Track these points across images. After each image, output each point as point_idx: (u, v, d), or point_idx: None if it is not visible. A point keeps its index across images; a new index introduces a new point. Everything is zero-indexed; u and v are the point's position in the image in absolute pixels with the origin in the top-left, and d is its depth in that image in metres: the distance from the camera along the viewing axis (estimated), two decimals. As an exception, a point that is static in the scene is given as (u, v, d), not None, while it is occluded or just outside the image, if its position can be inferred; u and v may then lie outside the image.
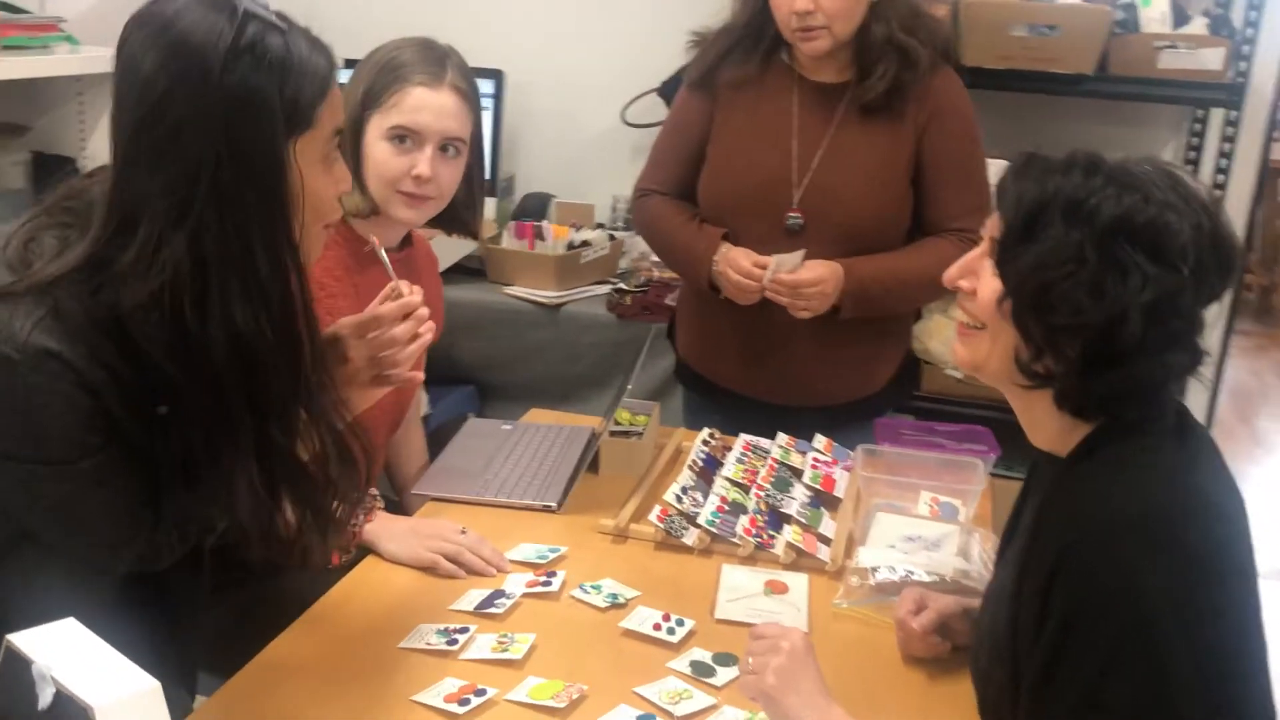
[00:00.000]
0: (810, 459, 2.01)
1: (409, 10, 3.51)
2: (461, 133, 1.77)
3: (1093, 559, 1.16)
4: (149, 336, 1.14)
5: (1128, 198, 1.19)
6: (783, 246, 2.07)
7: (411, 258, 1.93)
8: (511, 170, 3.56)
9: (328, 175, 1.24)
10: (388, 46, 1.80)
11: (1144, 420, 1.25)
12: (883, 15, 2.03)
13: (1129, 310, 1.18)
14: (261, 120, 1.14)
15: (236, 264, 1.15)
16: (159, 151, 1.13)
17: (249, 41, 1.14)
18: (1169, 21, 2.78)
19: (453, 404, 3.10)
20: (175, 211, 1.13)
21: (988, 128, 3.20)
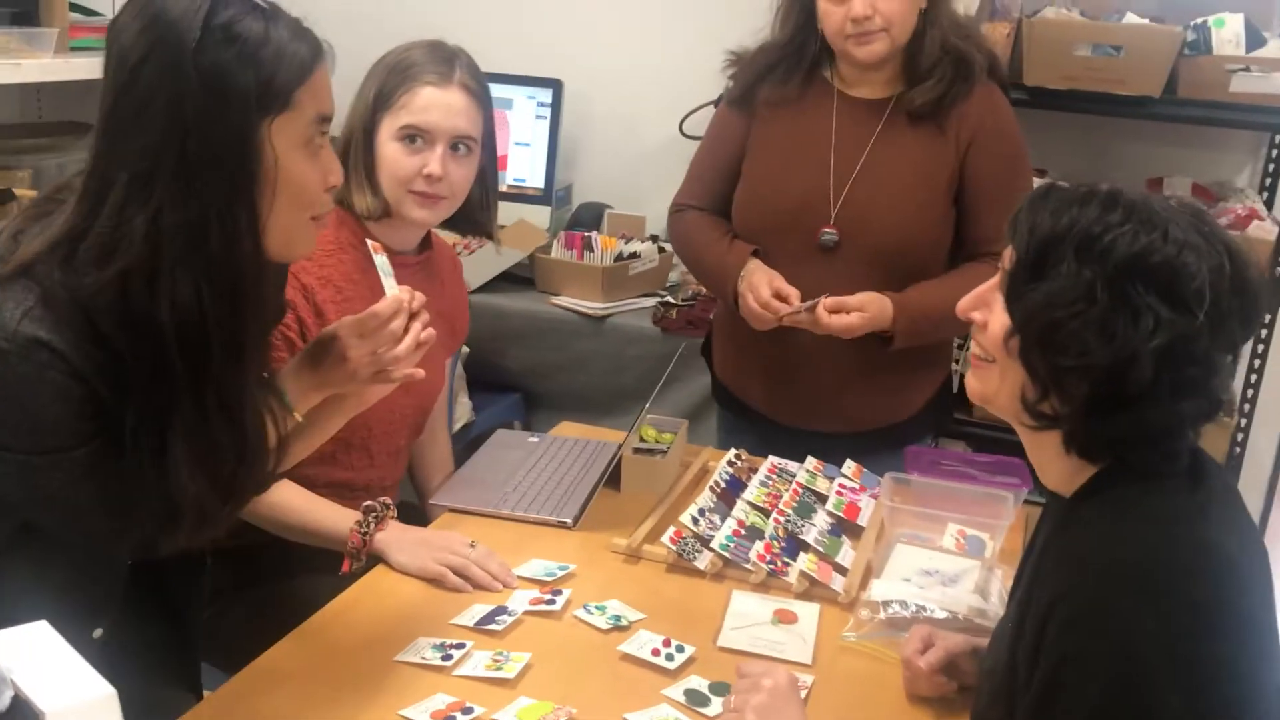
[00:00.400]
0: (836, 485, 1.97)
1: (466, 19, 3.54)
2: (471, 130, 1.78)
3: (1087, 607, 1.12)
4: (100, 309, 1.15)
5: (1144, 236, 1.15)
6: (817, 264, 2.04)
7: (431, 260, 1.94)
8: (569, 179, 3.56)
9: (311, 162, 1.24)
10: (398, 49, 1.82)
11: (1153, 465, 1.20)
12: (938, 22, 2.00)
13: (1139, 353, 1.13)
14: (230, 97, 1.15)
15: (190, 240, 1.15)
16: (130, 121, 1.15)
17: (225, 19, 1.15)
18: (1242, 44, 2.67)
19: (498, 412, 3.11)
20: (140, 183, 1.14)
21: (1052, 148, 3.14)
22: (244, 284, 1.19)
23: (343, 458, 1.82)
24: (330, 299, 1.75)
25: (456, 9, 3.56)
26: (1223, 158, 3.09)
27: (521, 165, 3.40)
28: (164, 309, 1.15)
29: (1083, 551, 1.18)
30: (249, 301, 1.21)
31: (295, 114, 1.20)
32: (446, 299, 1.98)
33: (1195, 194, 2.94)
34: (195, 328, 1.17)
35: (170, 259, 1.15)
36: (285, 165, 1.20)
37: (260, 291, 1.23)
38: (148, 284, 1.15)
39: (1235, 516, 1.24)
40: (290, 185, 1.21)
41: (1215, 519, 1.18)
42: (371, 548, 1.67)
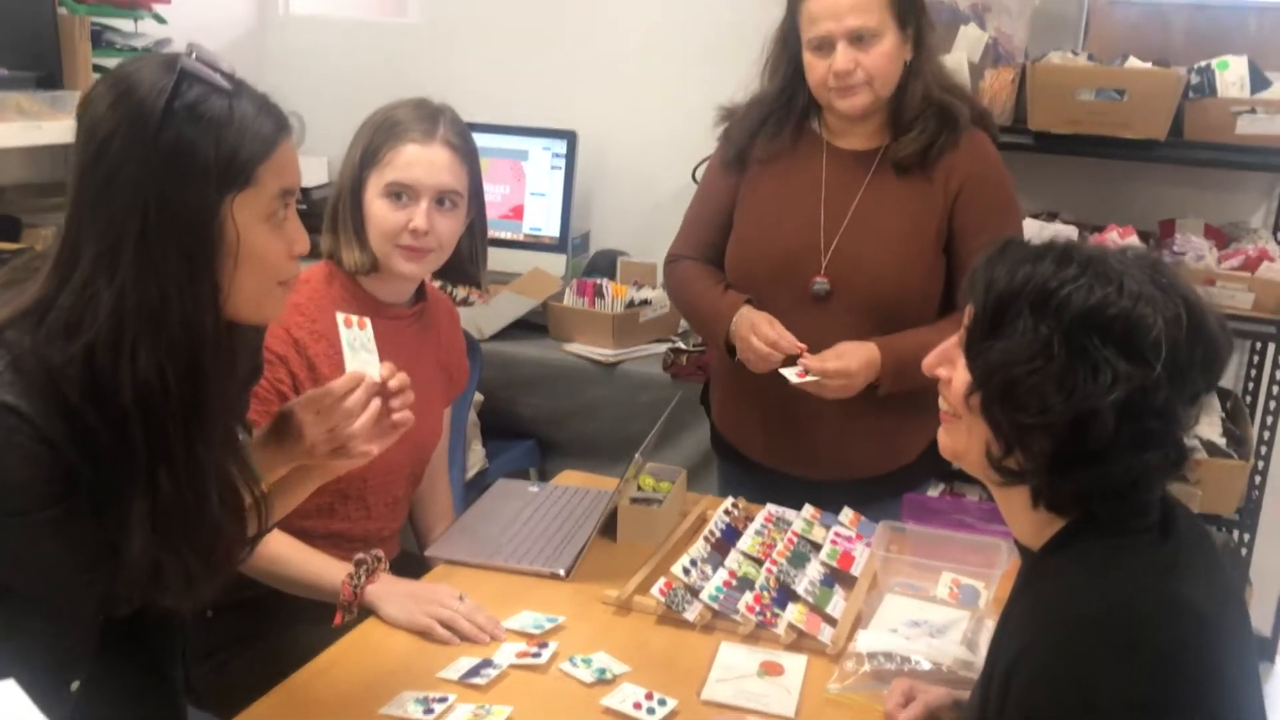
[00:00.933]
0: (831, 534, 1.97)
1: (482, 74, 3.63)
2: (455, 185, 1.82)
3: (1051, 661, 1.12)
4: (68, 379, 1.18)
5: (1100, 289, 1.15)
6: (810, 313, 2.06)
7: (426, 312, 1.98)
8: (585, 227, 3.61)
9: (275, 235, 1.27)
10: (385, 108, 1.87)
11: (1122, 518, 1.20)
12: (920, 73, 2.02)
13: (1099, 408, 1.13)
14: (191, 175, 1.18)
15: (151, 316, 1.18)
16: (97, 195, 1.19)
17: (188, 99, 1.19)
18: (1247, 86, 2.67)
19: (512, 458, 3.14)
20: (106, 258, 1.18)
21: (1062, 192, 3.15)
22: (204, 361, 1.22)
23: (340, 509, 1.85)
24: (324, 353, 1.79)
25: (471, 64, 3.64)
26: (1235, 199, 3.08)
27: (537, 215, 3.46)
28: (126, 383, 1.18)
29: (1048, 605, 1.18)
30: (210, 379, 1.23)
31: (257, 190, 1.23)
32: (443, 349, 2.02)
33: (1207, 235, 2.93)
34: (157, 403, 1.19)
35: (133, 334, 1.18)
36: (247, 239, 1.23)
37: (222, 367, 1.26)
38: (112, 358, 1.18)
39: (1207, 569, 1.23)
40: (253, 258, 1.24)
41: (1184, 572, 1.18)
42: (362, 600, 1.70)
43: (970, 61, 2.81)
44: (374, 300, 1.87)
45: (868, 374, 2.00)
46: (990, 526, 1.97)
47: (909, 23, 2.00)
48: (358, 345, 1.50)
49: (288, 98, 4.02)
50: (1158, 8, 3.14)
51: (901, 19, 1.99)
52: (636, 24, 3.49)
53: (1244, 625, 1.27)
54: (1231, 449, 2.80)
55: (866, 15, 1.95)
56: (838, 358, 1.99)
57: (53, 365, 1.18)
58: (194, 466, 1.24)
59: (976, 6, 2.88)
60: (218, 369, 1.25)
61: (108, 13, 2.89)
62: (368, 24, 3.84)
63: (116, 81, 1.21)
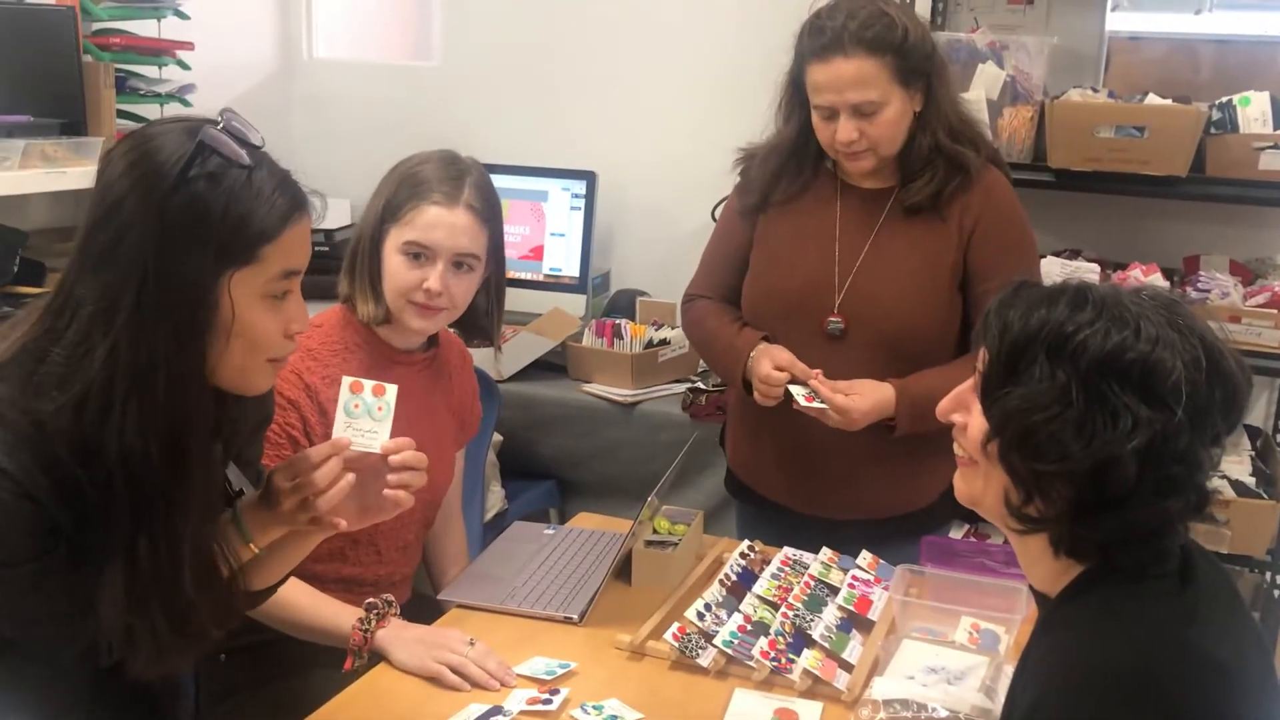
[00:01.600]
0: (849, 577, 1.95)
1: (500, 116, 3.66)
2: (473, 249, 1.82)
3: (1062, 713, 1.09)
4: (56, 431, 1.18)
5: (1116, 333, 1.13)
6: (825, 352, 2.05)
7: (438, 357, 1.98)
8: (606, 267, 3.62)
9: (272, 313, 1.27)
10: (412, 160, 1.87)
11: (1143, 565, 1.17)
12: (928, 126, 2.01)
13: (1120, 455, 1.11)
14: (193, 246, 1.19)
15: (140, 382, 1.18)
16: (101, 254, 1.19)
17: (203, 170, 1.19)
18: (1269, 121, 2.65)
19: (532, 499, 3.13)
20: (103, 316, 1.18)
21: (1084, 229, 3.13)
22: (187, 436, 1.22)
23: (351, 554, 1.85)
24: (335, 398, 1.78)
25: (492, 106, 3.67)
26: (1260, 234, 3.05)
27: (557, 255, 3.46)
28: (112, 444, 1.18)
29: (1064, 656, 1.15)
30: (191, 455, 1.23)
31: (259, 268, 1.23)
32: (454, 393, 2.02)
33: (1232, 272, 2.89)
34: (139, 471, 1.19)
35: (122, 394, 1.18)
36: (242, 316, 1.23)
37: (205, 443, 1.25)
38: (101, 415, 1.18)
39: (1228, 617, 1.20)
40: (246, 334, 1.24)
41: (1204, 622, 1.15)
42: (373, 645, 1.69)
43: (989, 99, 2.81)
44: (387, 346, 1.88)
45: (876, 415, 1.98)
46: (1011, 570, 1.93)
47: (916, 81, 1.98)
48: (361, 411, 1.43)
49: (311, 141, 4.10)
50: (1178, 44, 3.13)
51: (907, 80, 1.97)
52: (655, 64, 3.51)
53: (1268, 673, 1.24)
54: (1261, 488, 2.75)
55: (868, 90, 1.94)
56: (848, 394, 1.98)
57: (41, 417, 1.17)
58: (172, 539, 1.23)
59: (995, 45, 2.87)
60: (200, 445, 1.24)
61: (132, 59, 2.93)
62: (390, 67, 3.88)
63: (137, 144, 1.22)
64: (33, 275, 2.67)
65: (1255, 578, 2.98)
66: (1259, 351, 2.68)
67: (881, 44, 1.93)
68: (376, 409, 1.44)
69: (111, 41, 2.85)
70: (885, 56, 1.93)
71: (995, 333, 1.21)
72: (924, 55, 1.97)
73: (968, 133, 2.06)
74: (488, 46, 3.68)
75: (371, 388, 1.44)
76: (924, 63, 1.98)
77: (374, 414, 1.44)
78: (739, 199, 2.18)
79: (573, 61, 3.59)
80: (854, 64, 1.93)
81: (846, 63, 1.93)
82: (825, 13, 1.98)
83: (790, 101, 2.08)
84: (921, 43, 1.97)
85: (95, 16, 2.82)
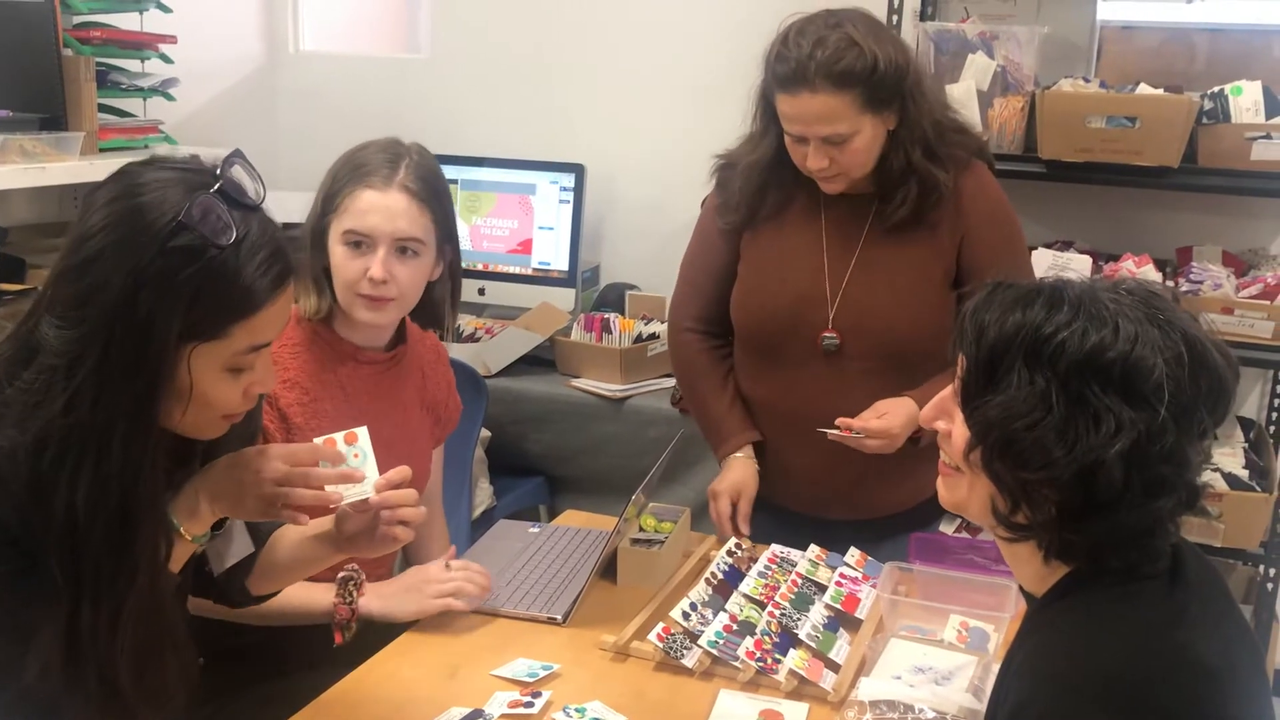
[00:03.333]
0: (837, 575, 1.93)
1: (490, 111, 3.63)
2: (414, 232, 1.76)
3: (1052, 718, 1.07)
4: (12, 476, 1.15)
5: (1094, 333, 1.11)
6: (823, 367, 2.03)
7: (403, 355, 1.92)
8: (595, 261, 3.59)
9: (230, 383, 1.24)
10: (356, 147, 1.82)
11: (1134, 565, 1.15)
12: (901, 144, 1.95)
13: (1105, 458, 1.08)
14: (161, 319, 1.15)
15: (95, 445, 1.16)
16: (70, 304, 1.16)
17: (187, 240, 1.15)
18: (1261, 111, 2.62)
19: (521, 496, 3.11)
20: (65, 369, 1.15)
21: (1076, 220, 3.10)
22: (138, 503, 1.19)
23: (328, 553, 1.82)
24: (296, 401, 1.76)
25: (479, 99, 3.64)
26: (1253, 225, 3.03)
27: (546, 249, 3.44)
28: (62, 495, 1.15)
29: (1049, 658, 1.13)
30: (142, 523, 1.20)
31: (225, 343, 1.20)
32: (428, 389, 1.98)
33: (1225, 263, 2.87)
34: (87, 530, 1.16)
35: (77, 450, 1.15)
36: (200, 387, 1.21)
37: (156, 509, 1.23)
38: (56, 464, 1.15)
39: (1218, 617, 1.18)
40: (201, 400, 1.22)
41: (1193, 623, 1.13)
42: (361, 614, 1.68)
43: (979, 90, 2.78)
44: (349, 344, 1.83)
45: (908, 430, 1.96)
46: (1002, 567, 1.91)
47: (888, 105, 1.91)
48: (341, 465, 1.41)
49: (297, 135, 4.07)
50: (1170, 33, 3.10)
51: (878, 107, 1.90)
52: (643, 56, 3.48)
53: (1258, 673, 1.22)
54: (1254, 481, 2.73)
55: (836, 124, 1.88)
56: (878, 417, 1.95)
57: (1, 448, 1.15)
58: (115, 608, 1.20)
59: (985, 35, 2.85)
60: (150, 514, 1.21)
61: (114, 53, 2.90)
62: (377, 60, 3.85)
63: (125, 193, 1.17)
64: (12, 271, 2.65)
65: (1249, 570, 2.96)
66: (1252, 343, 2.66)
67: (849, 78, 1.86)
68: (353, 456, 1.43)
69: (92, 35, 2.82)
70: (853, 90, 1.86)
71: (971, 339, 1.18)
72: (896, 80, 1.89)
73: (948, 140, 1.99)
74: (476, 39, 3.65)
75: (343, 438, 1.43)
76: (896, 85, 1.90)
77: (352, 462, 1.43)
78: (721, 217, 2.11)
79: (561, 54, 3.56)
80: (820, 99, 1.86)
81: (813, 98, 1.86)
82: (792, 40, 1.90)
83: (764, 115, 2.02)
84: (893, 68, 1.89)
85: (75, 10, 2.79)
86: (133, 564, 1.20)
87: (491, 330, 3.25)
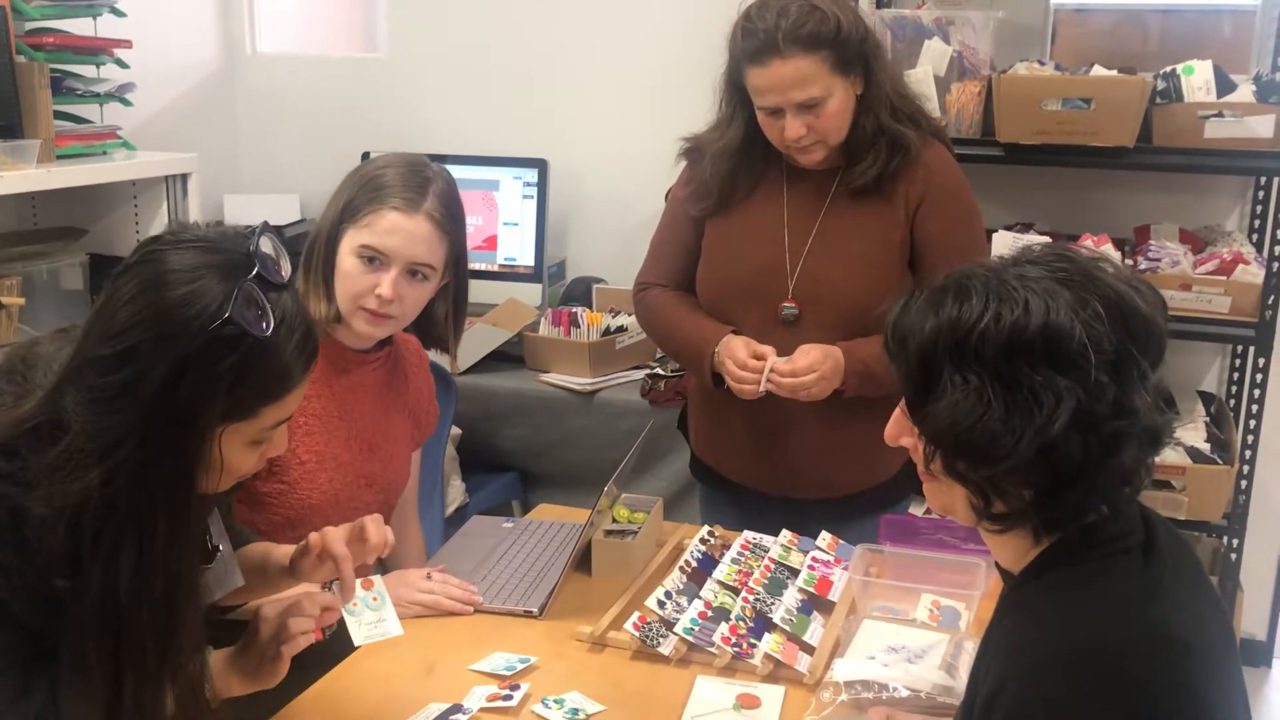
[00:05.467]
0: (809, 559, 1.95)
1: (451, 107, 3.62)
2: (429, 259, 1.78)
3: (1027, 694, 1.09)
4: (44, 545, 1.15)
5: (1008, 314, 1.11)
6: (781, 336, 2.04)
7: (393, 356, 1.94)
8: (561, 255, 3.60)
9: (252, 453, 1.25)
10: (378, 162, 1.82)
11: (1102, 538, 1.16)
12: (870, 108, 2.00)
13: (1056, 432, 1.10)
14: (201, 408, 1.15)
15: (138, 524, 1.15)
16: (105, 393, 1.14)
17: (230, 333, 1.15)
18: (1213, 90, 2.67)
19: (494, 492, 3.12)
20: (98, 453, 1.14)
21: (1036, 203, 3.14)
22: (181, 585, 1.20)
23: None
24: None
25: (440, 96, 3.64)
26: (1209, 202, 3.08)
27: (511, 244, 3.44)
28: (99, 574, 1.15)
29: (1026, 635, 1.14)
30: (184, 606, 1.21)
31: (254, 423, 1.21)
32: (410, 393, 1.99)
33: (1182, 240, 2.92)
34: (123, 608, 1.16)
35: (115, 530, 1.15)
36: (229, 463, 1.22)
37: (195, 581, 1.25)
38: (94, 542, 1.15)
39: (1191, 591, 1.19)
40: (225, 472, 1.23)
41: (1168, 597, 1.14)
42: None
43: (936, 75, 2.81)
44: (342, 347, 1.84)
45: (834, 367, 1.98)
46: (970, 545, 1.94)
47: (854, 67, 1.97)
48: (361, 608, 1.49)
49: (258, 137, 4.04)
50: (1123, 15, 3.14)
51: (846, 69, 1.96)
52: (604, 50, 3.49)
53: (1229, 646, 1.24)
54: (1216, 454, 2.78)
55: (810, 87, 1.93)
56: (803, 355, 1.97)
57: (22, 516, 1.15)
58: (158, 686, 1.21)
59: (940, 20, 2.87)
60: (192, 593, 1.23)
61: (68, 59, 2.87)
62: (336, 60, 3.83)
63: (154, 285, 1.16)
64: (-29, 283, 2.62)
65: (1213, 542, 3.02)
66: (1210, 318, 2.71)
67: (817, 40, 1.91)
68: (372, 599, 1.50)
69: (45, 41, 2.78)
70: (822, 51, 1.92)
71: (896, 352, 1.20)
72: (859, 41, 1.96)
73: (907, 109, 2.05)
74: (435, 36, 3.64)
75: (360, 583, 1.50)
76: (860, 48, 1.97)
77: (371, 605, 1.50)
78: (694, 205, 2.14)
79: (520, 49, 3.56)
80: (792, 64, 1.92)
81: (785, 64, 1.92)
82: (755, 13, 1.95)
83: (731, 101, 2.05)
84: (855, 29, 1.96)
85: (27, 15, 2.76)
86: (178, 645, 1.21)
87: (458, 333, 3.24)
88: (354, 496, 1.83)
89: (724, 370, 2.04)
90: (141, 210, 3.05)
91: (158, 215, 3.03)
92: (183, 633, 1.22)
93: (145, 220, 3.06)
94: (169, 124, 3.43)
